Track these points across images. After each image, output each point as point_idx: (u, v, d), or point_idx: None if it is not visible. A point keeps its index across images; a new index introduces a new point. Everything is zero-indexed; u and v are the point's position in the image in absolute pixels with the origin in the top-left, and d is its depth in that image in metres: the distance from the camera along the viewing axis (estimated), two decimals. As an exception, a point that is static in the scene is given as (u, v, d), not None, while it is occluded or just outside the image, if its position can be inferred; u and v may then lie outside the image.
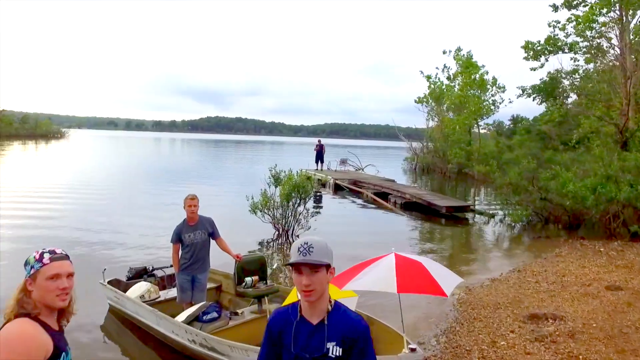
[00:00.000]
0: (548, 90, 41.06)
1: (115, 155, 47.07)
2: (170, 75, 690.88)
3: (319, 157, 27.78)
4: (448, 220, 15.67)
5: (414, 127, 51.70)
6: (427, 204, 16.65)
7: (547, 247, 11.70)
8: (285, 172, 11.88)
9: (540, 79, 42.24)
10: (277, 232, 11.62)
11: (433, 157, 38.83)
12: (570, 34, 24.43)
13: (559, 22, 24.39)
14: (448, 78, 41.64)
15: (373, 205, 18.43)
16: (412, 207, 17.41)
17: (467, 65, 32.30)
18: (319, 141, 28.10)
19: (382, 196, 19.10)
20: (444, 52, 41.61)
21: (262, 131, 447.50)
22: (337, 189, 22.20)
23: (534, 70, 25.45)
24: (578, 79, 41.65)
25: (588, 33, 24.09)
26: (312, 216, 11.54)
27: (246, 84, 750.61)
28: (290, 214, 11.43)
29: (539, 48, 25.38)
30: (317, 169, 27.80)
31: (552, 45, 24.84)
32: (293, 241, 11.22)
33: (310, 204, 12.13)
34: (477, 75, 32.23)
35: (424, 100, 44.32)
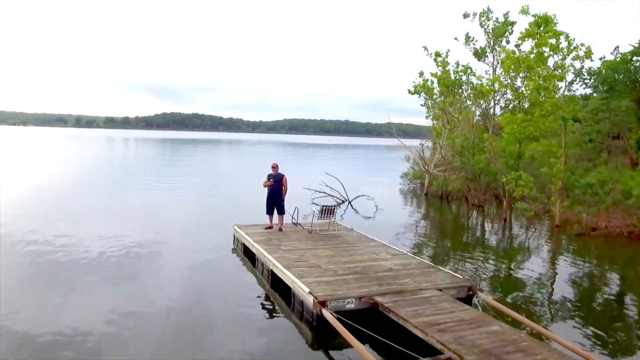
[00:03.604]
0: (613, 80, 27.60)
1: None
2: (124, 70, 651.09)
3: (274, 198, 12.94)
4: None
5: (419, 125, 37.56)
6: None
7: None
8: None
9: (601, 59, 29.05)
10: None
11: (457, 174, 24.62)
12: None
13: None
14: (476, 53, 27.72)
15: None
16: None
17: (540, 23, 18.11)
18: (275, 168, 13.15)
19: None
20: (466, 16, 27.76)
21: (220, 127, 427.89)
22: (323, 329, 7.49)
23: None
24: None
25: None
26: None
27: (203, 79, 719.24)
28: None
29: None
30: (270, 229, 13.04)
31: None
32: None
33: None
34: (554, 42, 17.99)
35: (423, 89, 30.21)
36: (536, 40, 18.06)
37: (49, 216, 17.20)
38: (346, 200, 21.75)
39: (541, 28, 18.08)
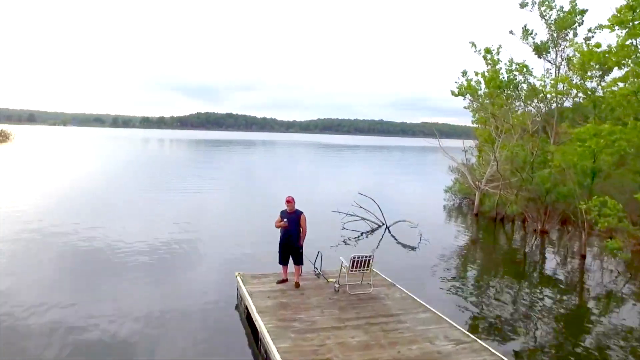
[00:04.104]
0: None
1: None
2: (161, 71, 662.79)
3: (289, 243, 9.71)
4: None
5: (454, 124, 34.19)
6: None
7: None
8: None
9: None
10: None
11: (517, 193, 20.70)
12: None
13: None
14: (537, 49, 23.73)
15: None
16: None
17: (635, 6, 14.26)
18: (291, 202, 9.95)
19: None
20: (523, 6, 23.78)
21: (254, 127, 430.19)
22: None
23: None
24: None
25: None
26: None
27: (238, 79, 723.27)
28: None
29: None
30: (284, 282, 9.84)
31: None
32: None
33: None
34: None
35: (468, 90, 26.42)
36: (629, 28, 14.20)
37: (69, 215, 19.31)
38: (383, 224, 18.46)
39: (636, 13, 14.22)
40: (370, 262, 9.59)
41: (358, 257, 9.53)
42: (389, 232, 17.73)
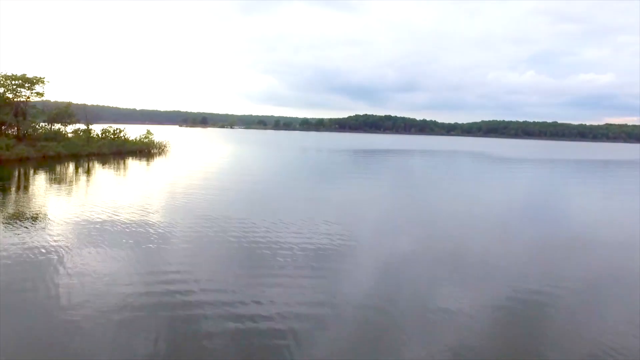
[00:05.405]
0: None
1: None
2: (323, 72, 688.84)
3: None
4: None
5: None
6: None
7: None
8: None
9: None
10: None
11: None
12: None
13: None
14: None
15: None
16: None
17: None
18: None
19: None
20: None
21: (412, 130, 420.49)
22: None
23: None
24: None
25: None
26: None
27: (399, 79, 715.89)
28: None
29: None
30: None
31: None
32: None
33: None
34: None
35: None
36: None
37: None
38: None
39: None
40: None
41: None
42: None
